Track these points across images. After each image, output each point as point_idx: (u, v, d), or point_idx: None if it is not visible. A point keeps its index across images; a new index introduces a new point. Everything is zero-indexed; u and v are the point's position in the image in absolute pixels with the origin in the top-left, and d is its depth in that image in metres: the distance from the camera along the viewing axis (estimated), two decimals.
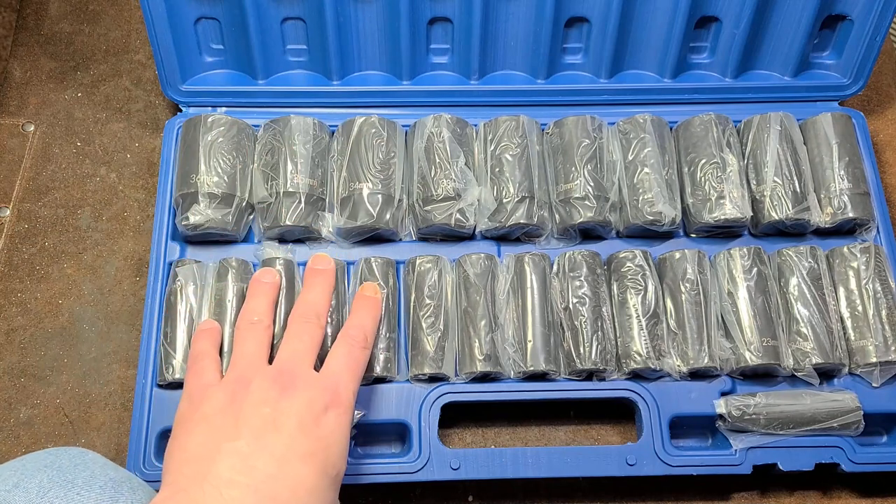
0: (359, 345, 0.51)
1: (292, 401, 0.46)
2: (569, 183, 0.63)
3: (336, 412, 0.47)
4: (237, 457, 0.43)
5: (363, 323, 0.53)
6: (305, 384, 0.47)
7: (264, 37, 0.66)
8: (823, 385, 0.60)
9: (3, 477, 0.41)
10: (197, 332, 0.56)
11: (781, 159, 0.63)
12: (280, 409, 0.45)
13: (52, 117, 0.74)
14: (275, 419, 0.45)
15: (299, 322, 0.52)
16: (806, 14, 0.66)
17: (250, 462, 0.43)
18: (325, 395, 0.47)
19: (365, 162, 0.63)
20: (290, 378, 0.47)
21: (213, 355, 0.52)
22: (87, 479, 0.42)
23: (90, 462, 0.44)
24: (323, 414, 0.46)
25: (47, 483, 0.41)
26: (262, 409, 0.45)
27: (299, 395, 0.46)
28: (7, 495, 0.40)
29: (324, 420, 0.46)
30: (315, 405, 0.46)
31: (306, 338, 0.50)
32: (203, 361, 0.51)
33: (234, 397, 0.46)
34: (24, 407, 0.63)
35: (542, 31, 0.66)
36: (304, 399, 0.46)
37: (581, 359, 0.58)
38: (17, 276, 0.67)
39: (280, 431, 0.44)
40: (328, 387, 0.47)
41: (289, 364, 0.49)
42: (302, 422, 0.45)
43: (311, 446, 0.44)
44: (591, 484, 0.61)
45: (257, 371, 0.48)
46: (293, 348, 0.50)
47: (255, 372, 0.48)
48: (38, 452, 0.44)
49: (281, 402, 0.46)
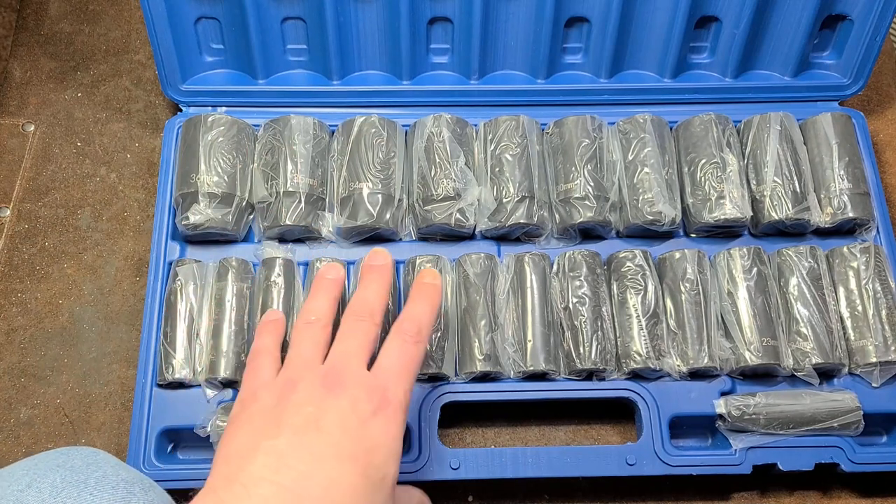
0: (412, 339, 0.49)
1: (338, 400, 0.44)
2: (569, 183, 0.63)
3: (385, 414, 0.44)
4: (273, 455, 0.42)
5: (418, 314, 0.50)
6: (354, 384, 0.45)
7: (264, 37, 0.66)
8: (823, 385, 0.60)
9: (15, 476, 0.41)
10: (260, 324, 0.54)
11: (781, 159, 0.63)
12: (324, 408, 0.44)
13: (52, 117, 0.74)
14: (317, 418, 0.43)
15: (352, 320, 0.49)
16: (806, 14, 0.66)
17: (285, 460, 0.41)
18: (374, 396, 0.45)
19: (365, 162, 0.63)
20: (338, 378, 0.45)
21: (272, 353, 0.51)
22: (99, 479, 0.42)
23: (102, 462, 0.43)
24: (371, 417, 0.44)
25: (60, 483, 0.41)
26: (306, 409, 0.44)
27: (346, 394, 0.44)
28: (20, 495, 0.40)
29: (371, 423, 0.44)
30: (361, 406, 0.44)
31: (360, 335, 0.48)
32: (259, 360, 0.50)
33: (281, 398, 0.45)
34: (24, 407, 0.63)
35: (542, 31, 0.66)
36: (349, 399, 0.44)
37: (581, 359, 0.58)
38: (17, 276, 0.67)
39: (321, 431, 0.43)
40: (377, 387, 0.45)
41: (339, 364, 0.47)
42: (345, 422, 0.43)
43: (352, 448, 0.42)
44: (591, 484, 0.61)
45: (308, 371, 0.46)
46: (344, 348, 0.48)
47: (305, 372, 0.46)
48: (49, 452, 0.44)
49: (326, 402, 0.44)
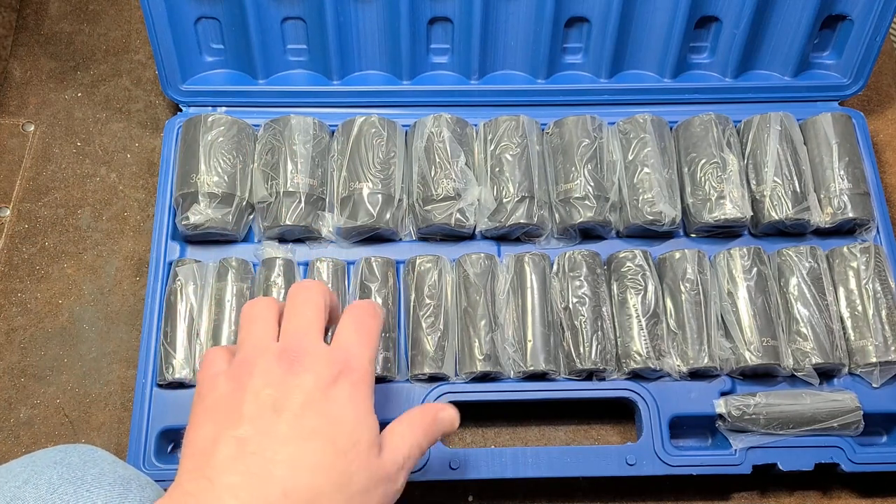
0: (368, 314, 0.48)
1: (297, 378, 0.43)
2: (569, 183, 0.63)
3: (349, 381, 0.43)
4: (236, 444, 0.41)
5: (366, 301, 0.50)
6: (312, 359, 0.44)
7: (264, 37, 0.66)
8: (823, 385, 0.60)
9: (13, 473, 0.41)
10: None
11: (781, 159, 0.63)
12: (283, 389, 0.43)
13: (52, 117, 0.74)
14: (277, 400, 0.42)
15: (297, 293, 0.48)
16: (806, 14, 0.66)
17: (248, 448, 0.41)
18: (335, 367, 0.44)
19: (365, 162, 0.63)
20: (295, 355, 0.44)
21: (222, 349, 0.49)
22: (96, 476, 0.42)
23: (100, 459, 0.43)
24: (332, 385, 0.43)
25: (57, 480, 0.41)
26: (264, 392, 0.43)
27: (305, 371, 0.43)
28: (17, 491, 0.40)
29: (333, 392, 0.43)
30: (323, 378, 0.43)
31: (309, 308, 0.47)
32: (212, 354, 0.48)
33: (239, 383, 0.44)
34: (24, 407, 0.63)
35: (542, 31, 0.66)
36: (310, 374, 0.43)
37: (581, 359, 0.58)
38: (17, 276, 0.67)
39: (282, 412, 0.41)
40: (338, 358, 0.44)
41: (293, 340, 0.45)
42: (309, 398, 0.42)
43: (315, 423, 0.41)
44: (591, 484, 0.61)
45: (263, 352, 0.45)
46: (296, 323, 0.46)
47: (260, 353, 0.45)
48: (47, 449, 0.44)
49: (285, 382, 0.43)
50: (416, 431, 0.46)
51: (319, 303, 0.47)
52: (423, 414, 0.48)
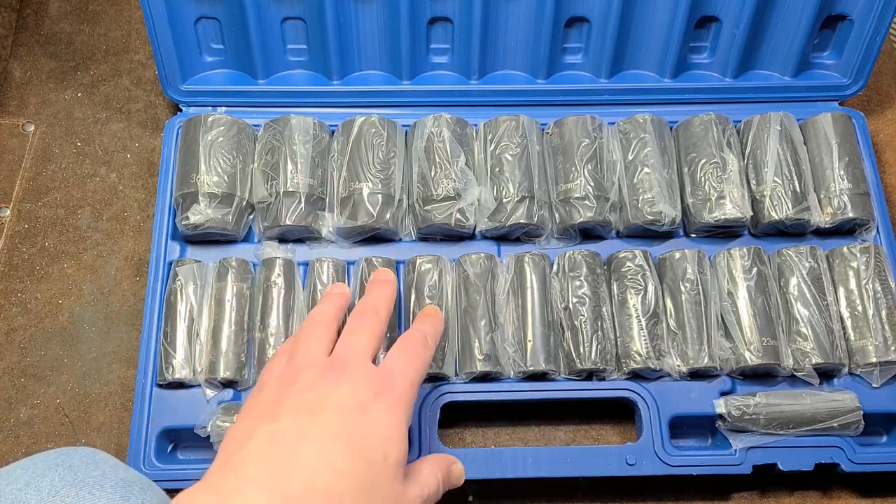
0: (419, 343, 0.50)
1: (338, 387, 0.44)
2: (569, 183, 0.63)
3: (386, 399, 0.45)
4: (267, 437, 0.42)
5: (423, 328, 0.52)
6: (356, 372, 0.46)
7: (264, 37, 0.66)
8: (823, 385, 0.60)
9: (15, 475, 0.41)
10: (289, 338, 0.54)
11: (781, 159, 0.63)
12: (324, 393, 0.44)
13: (52, 117, 0.74)
14: (315, 403, 0.44)
15: (357, 317, 0.50)
16: (806, 14, 0.66)
17: (278, 442, 0.42)
18: (375, 383, 0.45)
19: (365, 162, 0.63)
20: (341, 367, 0.46)
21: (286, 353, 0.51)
22: (98, 479, 0.42)
23: (101, 462, 0.44)
24: (371, 401, 0.44)
25: (59, 482, 0.41)
26: (306, 395, 0.44)
27: (347, 381, 0.45)
28: (19, 493, 0.40)
29: (371, 407, 0.44)
30: (361, 392, 0.44)
31: (365, 331, 0.49)
32: (276, 359, 0.51)
33: (284, 386, 0.46)
34: (24, 407, 0.63)
35: (542, 31, 0.66)
36: (350, 385, 0.45)
37: (581, 359, 0.58)
38: (17, 276, 0.67)
39: (317, 414, 0.43)
40: (381, 377, 0.46)
41: (343, 355, 0.47)
42: (346, 407, 0.43)
43: (347, 429, 0.43)
44: (591, 484, 0.61)
45: (313, 363, 0.47)
46: (349, 341, 0.49)
47: (310, 364, 0.47)
48: (49, 451, 0.44)
49: (326, 388, 0.45)
50: (439, 475, 0.48)
51: (377, 330, 0.50)
52: (442, 461, 0.50)
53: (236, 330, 0.59)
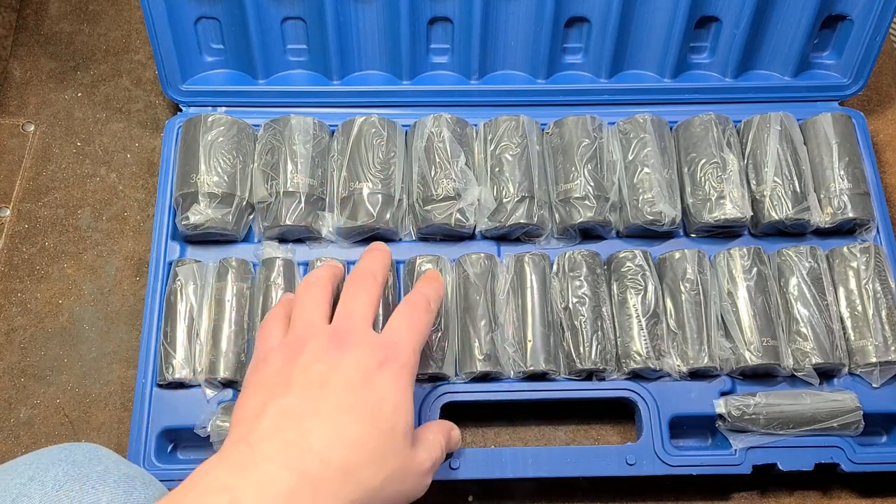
0: (420, 307, 0.50)
1: (344, 357, 0.45)
2: (569, 183, 0.63)
3: (391, 368, 0.46)
4: (279, 412, 0.43)
5: (425, 291, 0.52)
6: (359, 341, 0.46)
7: (264, 37, 0.66)
8: (823, 385, 0.60)
9: (18, 470, 0.41)
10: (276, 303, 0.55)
11: (781, 159, 0.63)
12: (331, 365, 0.45)
13: (52, 117, 0.74)
14: (323, 375, 0.44)
15: (355, 281, 0.51)
16: (806, 14, 0.66)
17: (290, 417, 0.42)
18: (380, 352, 0.46)
19: (365, 162, 0.63)
20: (345, 336, 0.46)
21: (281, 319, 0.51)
22: (101, 474, 0.42)
23: (104, 457, 0.44)
24: (376, 371, 0.45)
25: (62, 477, 0.41)
26: (314, 367, 0.45)
27: (352, 351, 0.45)
28: (23, 488, 0.40)
29: (377, 377, 0.45)
30: (366, 362, 0.45)
31: (363, 295, 0.50)
32: (268, 326, 0.51)
33: (290, 358, 0.46)
34: (24, 407, 0.63)
35: (542, 31, 0.66)
36: (355, 355, 0.45)
37: (581, 359, 0.58)
38: (17, 276, 0.67)
39: (327, 387, 0.44)
40: (384, 344, 0.47)
41: (344, 323, 0.48)
42: (351, 379, 0.44)
43: (357, 402, 0.44)
44: (591, 484, 0.61)
45: (314, 331, 0.47)
46: (349, 307, 0.49)
47: (312, 332, 0.47)
48: (52, 447, 0.44)
49: (333, 359, 0.45)
50: (442, 440, 0.50)
51: (374, 293, 0.50)
52: (443, 426, 0.52)
53: (236, 330, 0.59)
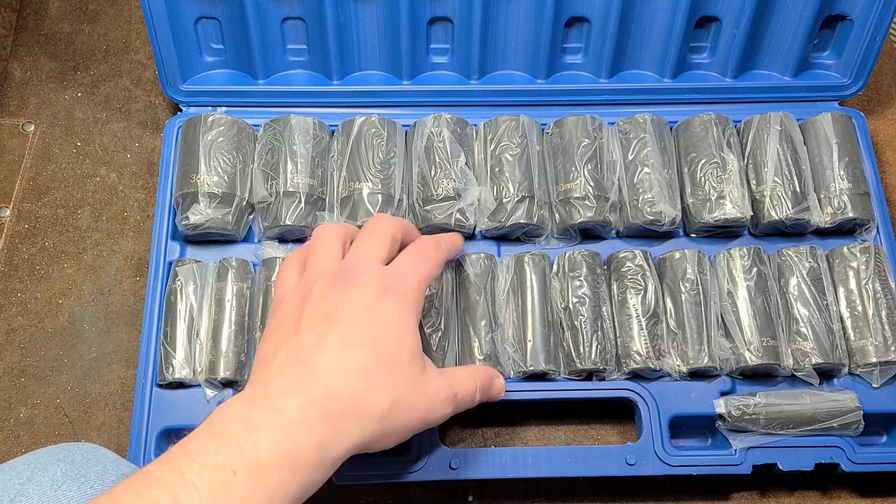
0: (430, 245, 0.52)
1: (348, 293, 0.47)
2: (569, 183, 0.63)
3: (395, 297, 0.47)
4: (290, 351, 0.45)
5: (437, 235, 0.55)
6: (365, 276, 0.48)
7: (264, 37, 0.66)
8: (823, 385, 0.60)
9: (16, 470, 0.41)
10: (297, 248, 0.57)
11: (781, 159, 0.63)
12: (337, 301, 0.47)
13: (52, 117, 0.74)
14: (328, 311, 0.47)
15: (370, 223, 0.53)
16: (806, 14, 0.66)
17: (299, 354, 0.45)
18: (383, 282, 0.48)
19: (365, 162, 0.63)
20: (350, 273, 0.48)
21: (296, 263, 0.53)
22: (99, 473, 0.42)
23: (102, 457, 0.44)
24: (379, 298, 0.47)
25: (61, 476, 0.41)
26: (320, 305, 0.47)
27: (357, 286, 0.47)
28: (21, 488, 0.40)
29: (380, 307, 0.47)
30: (369, 292, 0.47)
31: (376, 236, 0.51)
32: (283, 272, 0.53)
33: (301, 300, 0.48)
34: (24, 407, 0.63)
35: (542, 31, 0.66)
36: (359, 290, 0.47)
37: (581, 359, 0.58)
38: (17, 276, 0.67)
39: (332, 322, 0.46)
40: (388, 275, 0.49)
41: (352, 261, 0.50)
42: (357, 310, 0.46)
43: (361, 334, 0.46)
44: (591, 484, 0.61)
45: (323, 272, 0.49)
46: (359, 247, 0.51)
47: (320, 273, 0.49)
48: (50, 447, 0.44)
49: (337, 296, 0.47)
50: (477, 381, 0.52)
51: (388, 233, 0.52)
52: (484, 371, 0.53)
53: (236, 330, 0.59)
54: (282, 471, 0.40)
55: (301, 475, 0.41)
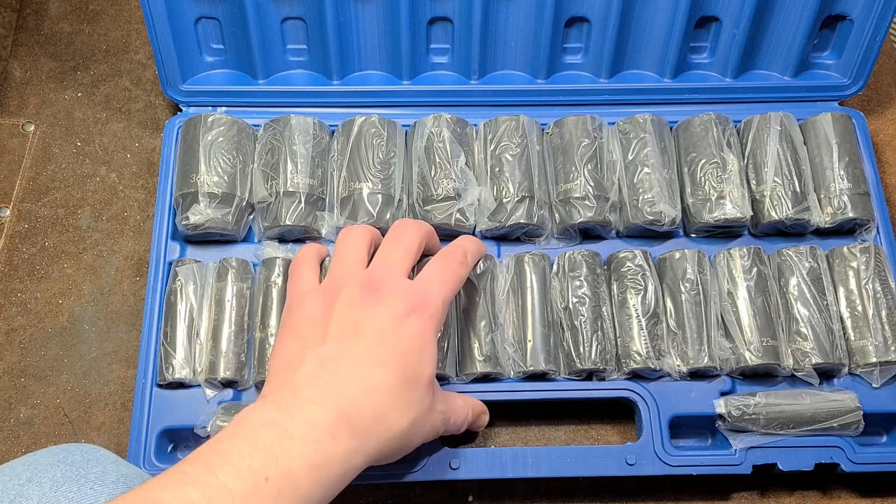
0: (456, 259, 0.52)
1: (377, 307, 0.47)
2: (569, 183, 0.63)
3: (420, 317, 0.48)
4: (318, 361, 0.46)
5: (464, 244, 0.54)
6: (391, 290, 0.48)
7: (264, 37, 0.66)
8: (823, 385, 0.60)
9: (16, 471, 0.41)
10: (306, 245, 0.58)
11: (781, 159, 0.63)
12: (365, 314, 0.47)
13: (52, 117, 0.74)
14: (356, 325, 0.47)
15: (395, 230, 0.53)
16: (806, 14, 0.66)
17: (329, 365, 0.45)
18: (409, 301, 0.48)
19: (365, 162, 0.63)
20: (377, 285, 0.49)
21: (312, 262, 0.54)
22: (99, 475, 0.42)
23: (102, 458, 0.44)
24: (405, 318, 0.47)
25: (60, 477, 0.41)
26: (347, 316, 0.47)
27: (384, 301, 0.48)
28: (21, 489, 0.40)
29: (405, 326, 0.47)
30: (396, 310, 0.47)
31: (402, 245, 0.52)
32: (301, 268, 0.53)
33: (325, 305, 0.48)
34: (24, 407, 0.63)
35: (542, 31, 0.66)
36: (386, 305, 0.48)
37: (581, 359, 0.58)
38: (17, 276, 0.67)
39: (360, 336, 0.46)
40: (415, 293, 0.49)
41: (378, 271, 0.50)
42: (381, 327, 0.47)
43: (388, 352, 0.46)
44: (591, 484, 0.61)
45: (349, 278, 0.49)
46: (386, 255, 0.51)
47: (346, 280, 0.49)
48: (50, 448, 0.44)
49: (365, 309, 0.47)
50: (469, 412, 0.53)
51: (413, 244, 0.52)
52: (476, 403, 0.55)
53: (236, 330, 0.59)
54: (310, 481, 0.41)
55: (325, 486, 0.43)
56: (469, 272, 0.54)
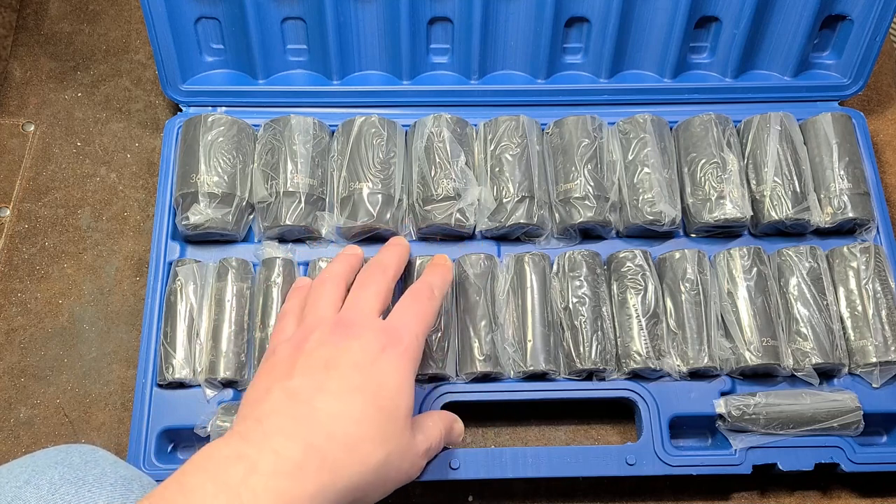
0: (425, 296, 0.52)
1: (348, 342, 0.47)
2: (569, 183, 0.63)
3: (395, 351, 0.47)
4: (286, 392, 0.44)
5: (429, 280, 0.54)
6: (364, 327, 0.48)
7: (264, 37, 0.66)
8: (823, 385, 0.60)
9: (14, 473, 0.41)
10: (290, 290, 0.57)
11: (781, 159, 0.63)
12: (336, 350, 0.46)
13: (52, 117, 0.74)
14: (328, 359, 0.46)
15: (365, 273, 0.53)
16: (806, 14, 0.66)
17: (296, 396, 0.44)
18: (383, 337, 0.47)
19: (365, 162, 0.63)
20: (350, 323, 0.48)
21: (297, 314, 0.53)
22: (97, 476, 0.42)
23: (101, 459, 0.44)
24: (380, 353, 0.47)
25: (58, 479, 0.41)
26: (317, 352, 0.47)
27: (356, 337, 0.47)
28: (18, 491, 0.40)
29: (380, 361, 0.46)
30: (371, 346, 0.47)
31: (372, 287, 0.51)
32: (284, 320, 0.53)
33: (297, 346, 0.48)
34: (24, 407, 0.63)
35: (542, 31, 0.66)
36: (360, 341, 0.47)
37: (581, 359, 0.58)
38: (17, 276, 0.67)
39: (333, 369, 0.45)
40: (387, 329, 0.48)
41: (350, 312, 0.50)
42: (357, 361, 0.46)
43: (361, 382, 0.45)
44: (591, 484, 0.61)
45: (321, 322, 0.49)
46: (356, 297, 0.51)
47: (319, 322, 0.49)
48: (48, 449, 0.44)
49: (337, 345, 0.47)
50: (441, 427, 0.52)
51: (384, 286, 0.52)
52: (445, 417, 0.53)
53: (236, 330, 0.59)
54: None
55: None
56: (440, 305, 0.53)
